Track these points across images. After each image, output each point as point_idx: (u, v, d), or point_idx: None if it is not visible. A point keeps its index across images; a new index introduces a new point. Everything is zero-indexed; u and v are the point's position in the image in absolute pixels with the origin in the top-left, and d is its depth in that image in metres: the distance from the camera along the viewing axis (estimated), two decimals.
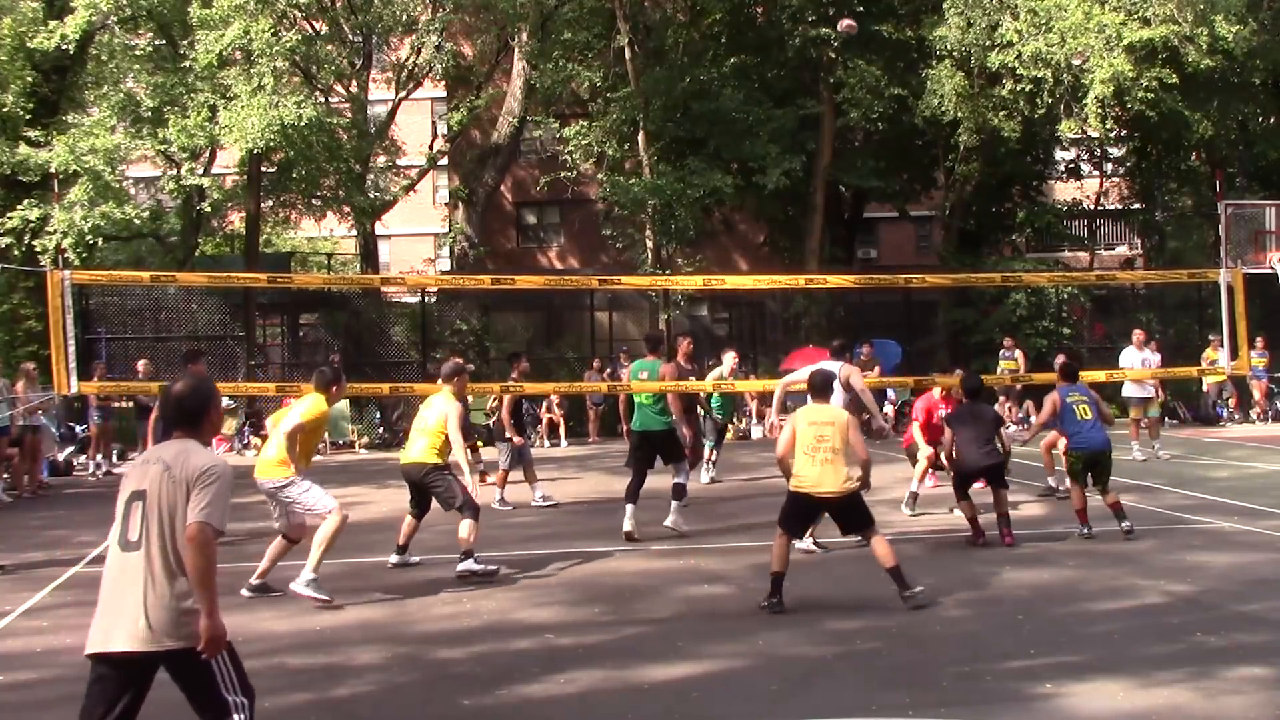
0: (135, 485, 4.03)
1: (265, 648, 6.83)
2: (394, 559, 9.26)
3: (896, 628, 7.08)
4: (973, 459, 9.84)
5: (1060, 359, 14.25)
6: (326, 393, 8.22)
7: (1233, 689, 5.74)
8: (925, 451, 11.32)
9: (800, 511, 7.82)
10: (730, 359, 14.26)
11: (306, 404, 8.21)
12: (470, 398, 13.25)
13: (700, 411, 14.05)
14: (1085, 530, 9.80)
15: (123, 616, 3.89)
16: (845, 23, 10.89)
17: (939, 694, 5.75)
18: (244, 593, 7.92)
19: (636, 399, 10.90)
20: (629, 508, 10.37)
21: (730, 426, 15.92)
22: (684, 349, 12.05)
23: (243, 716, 4.00)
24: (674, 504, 10.56)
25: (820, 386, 8.13)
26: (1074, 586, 8.10)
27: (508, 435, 12.71)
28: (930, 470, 11.52)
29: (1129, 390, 15.89)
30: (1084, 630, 6.88)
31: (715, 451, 14.02)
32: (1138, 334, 16.80)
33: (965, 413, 10.25)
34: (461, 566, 8.60)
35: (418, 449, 8.90)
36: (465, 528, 8.61)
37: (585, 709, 5.72)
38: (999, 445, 9.98)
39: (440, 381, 9.38)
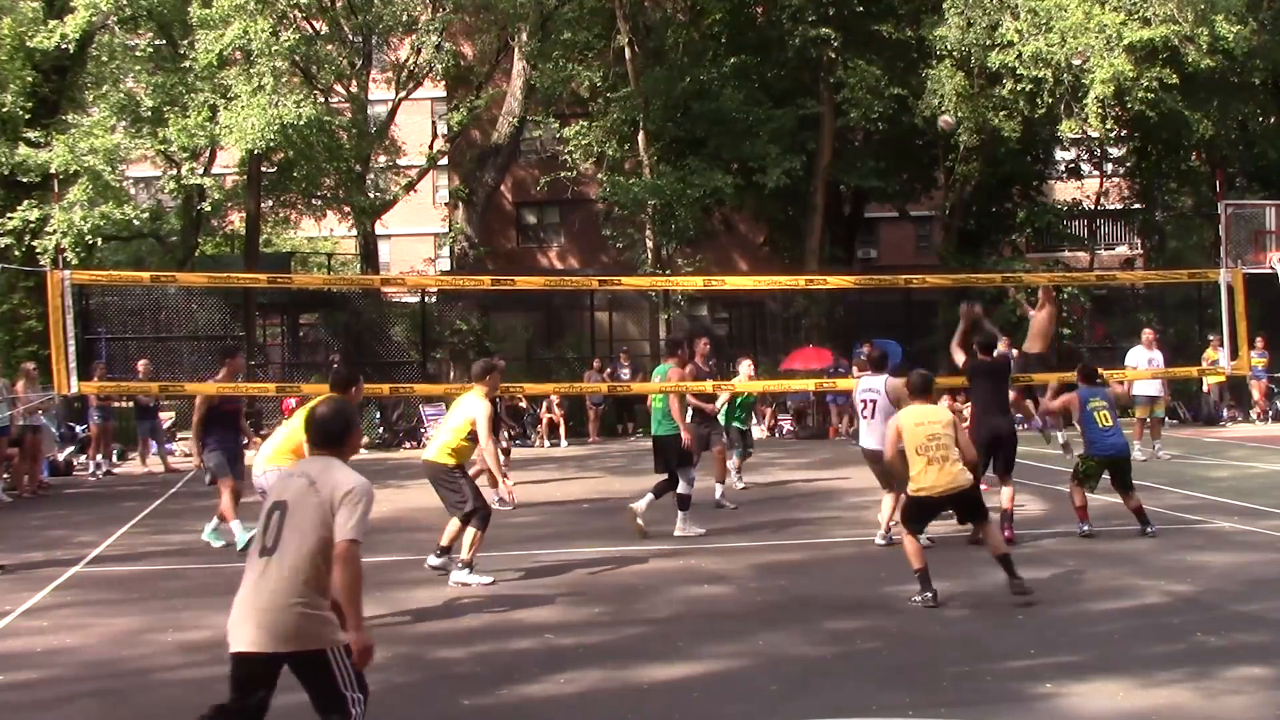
0: (278, 496, 4.26)
1: None
2: (434, 560, 8.83)
3: (896, 628, 7.08)
4: (988, 425, 9.81)
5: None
6: (345, 394, 7.65)
7: (1233, 689, 5.74)
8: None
9: (921, 513, 7.84)
10: (746, 367, 14.11)
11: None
12: None
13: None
14: (1085, 528, 9.81)
15: (254, 618, 4.12)
16: (945, 119, 10.88)
17: (939, 694, 5.74)
18: None
19: (651, 403, 11.04)
20: (649, 495, 10.55)
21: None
22: (701, 349, 12.04)
23: (358, 710, 4.19)
24: (680, 514, 10.57)
25: (921, 387, 8.13)
26: (1074, 586, 8.10)
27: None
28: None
29: (1137, 389, 15.89)
30: (1084, 630, 6.88)
31: (740, 459, 13.73)
32: (1147, 333, 16.73)
33: (983, 369, 10.12)
34: (456, 578, 8.45)
35: (432, 449, 8.75)
36: (468, 538, 8.43)
37: (585, 709, 5.72)
38: (1013, 411, 10.07)
39: (471, 381, 9.15)
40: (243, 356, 11.47)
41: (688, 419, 10.95)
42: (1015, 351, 20.25)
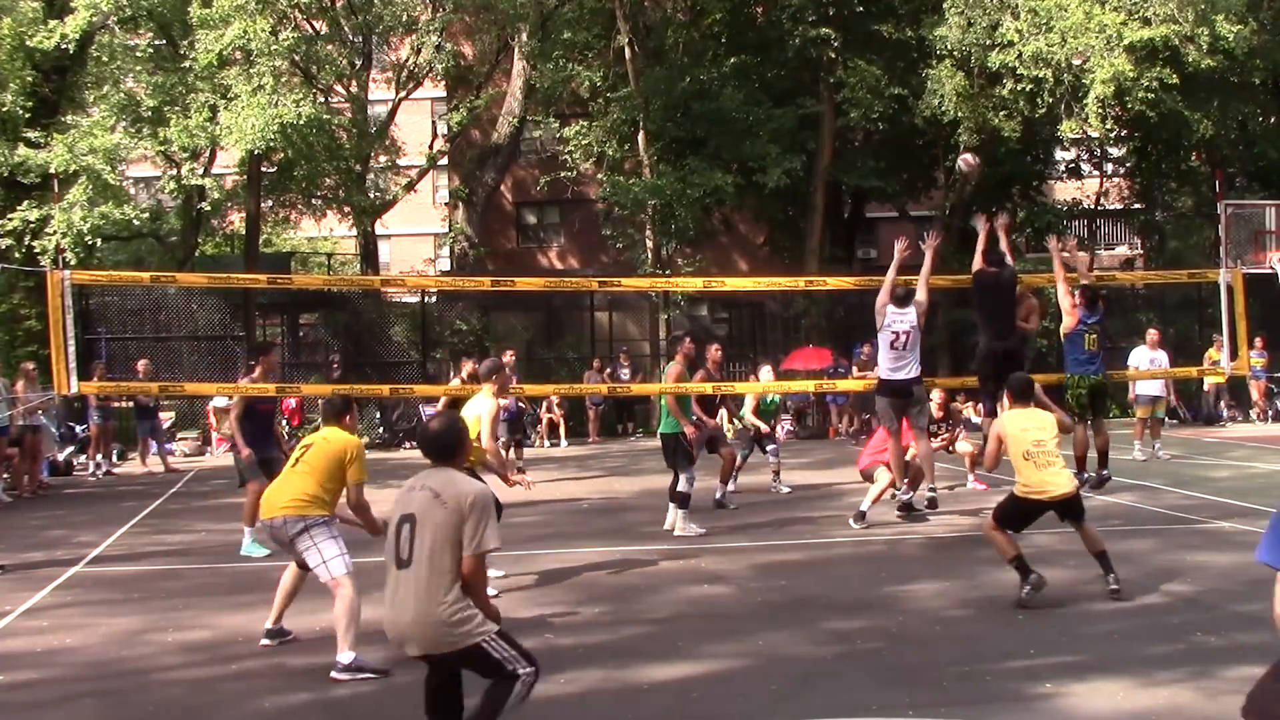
0: (404, 510, 4.52)
1: (265, 648, 6.83)
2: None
3: (896, 628, 7.08)
4: (987, 345, 9.74)
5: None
6: (340, 424, 7.05)
7: (1233, 689, 5.72)
8: (885, 478, 10.76)
9: (1022, 514, 7.70)
10: (767, 373, 14.00)
11: (351, 454, 6.77)
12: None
13: (728, 422, 14.01)
14: (1086, 477, 9.81)
15: (406, 627, 4.45)
16: (965, 159, 10.79)
17: (939, 694, 5.74)
18: (263, 642, 6.92)
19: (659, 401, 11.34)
20: (669, 505, 10.70)
21: (731, 427, 15.76)
22: (714, 356, 11.98)
23: (525, 674, 4.56)
24: (679, 511, 10.62)
25: (1021, 391, 7.99)
26: (1074, 587, 8.09)
27: None
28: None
29: (1140, 388, 15.86)
30: (1084, 630, 6.88)
31: (744, 463, 13.35)
32: (1152, 334, 16.69)
33: (990, 282, 9.91)
34: None
35: None
36: None
37: (585, 709, 5.72)
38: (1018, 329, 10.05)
39: (481, 380, 9.06)
40: (276, 354, 11.41)
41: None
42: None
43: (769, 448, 13.49)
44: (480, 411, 8.48)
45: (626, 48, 23.54)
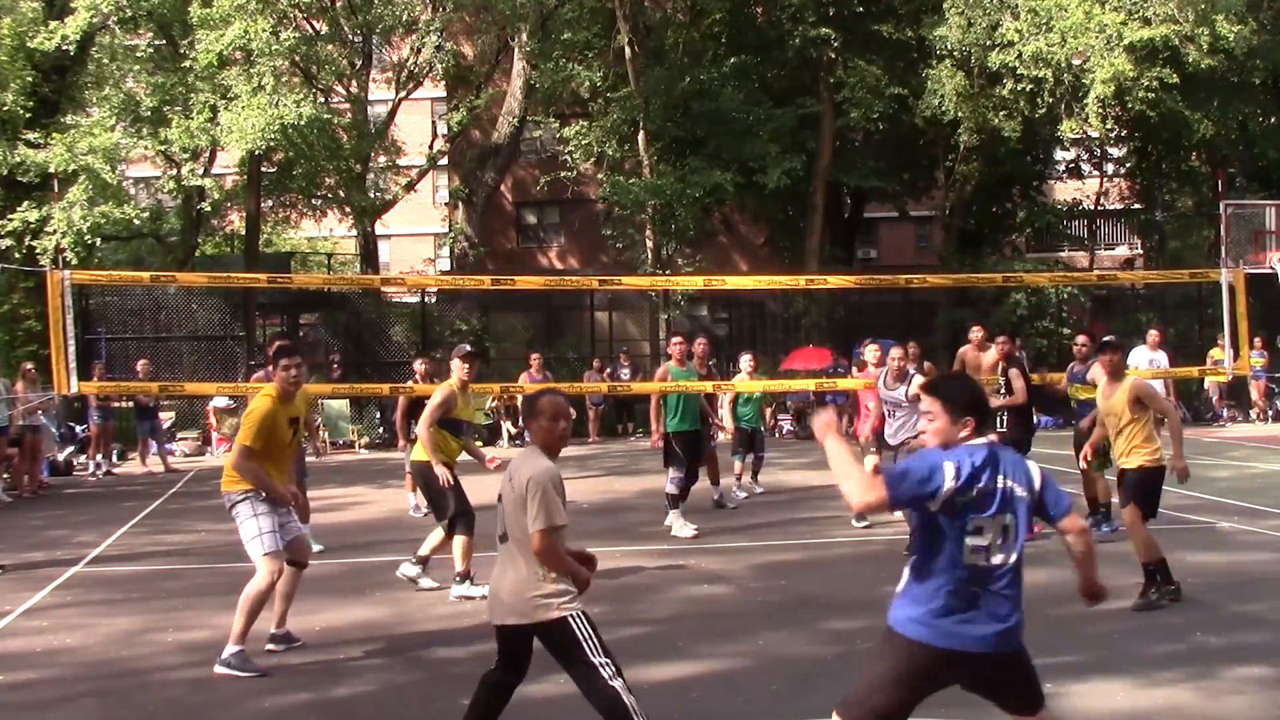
0: (501, 488, 4.78)
1: (267, 650, 6.82)
2: (408, 570, 8.37)
3: None
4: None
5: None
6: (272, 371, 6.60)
7: (1233, 689, 5.74)
8: (872, 462, 10.60)
9: None
10: (746, 362, 13.96)
11: (247, 413, 6.60)
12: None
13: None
14: (1107, 530, 9.88)
15: (500, 597, 4.67)
16: None
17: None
18: (269, 647, 6.73)
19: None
20: (667, 509, 10.78)
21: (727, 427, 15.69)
22: (697, 351, 11.96)
23: (610, 671, 4.59)
24: (672, 511, 10.67)
25: None
26: (1074, 587, 8.06)
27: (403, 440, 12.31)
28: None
29: None
30: (1084, 630, 6.87)
31: (743, 464, 13.22)
32: (1153, 334, 16.67)
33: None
34: (457, 591, 8.10)
35: (416, 446, 8.41)
36: (458, 548, 8.05)
37: (585, 709, 5.69)
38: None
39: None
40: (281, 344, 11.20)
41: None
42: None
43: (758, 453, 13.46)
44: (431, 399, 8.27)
45: (626, 48, 23.54)
